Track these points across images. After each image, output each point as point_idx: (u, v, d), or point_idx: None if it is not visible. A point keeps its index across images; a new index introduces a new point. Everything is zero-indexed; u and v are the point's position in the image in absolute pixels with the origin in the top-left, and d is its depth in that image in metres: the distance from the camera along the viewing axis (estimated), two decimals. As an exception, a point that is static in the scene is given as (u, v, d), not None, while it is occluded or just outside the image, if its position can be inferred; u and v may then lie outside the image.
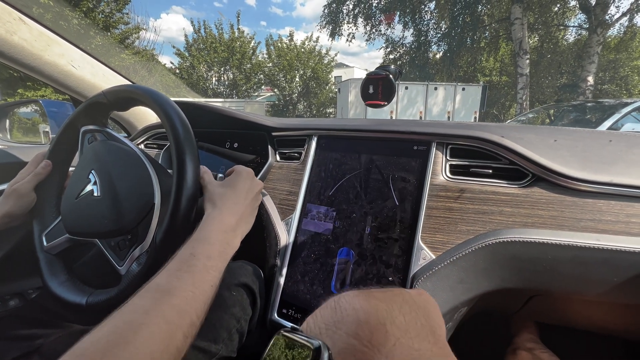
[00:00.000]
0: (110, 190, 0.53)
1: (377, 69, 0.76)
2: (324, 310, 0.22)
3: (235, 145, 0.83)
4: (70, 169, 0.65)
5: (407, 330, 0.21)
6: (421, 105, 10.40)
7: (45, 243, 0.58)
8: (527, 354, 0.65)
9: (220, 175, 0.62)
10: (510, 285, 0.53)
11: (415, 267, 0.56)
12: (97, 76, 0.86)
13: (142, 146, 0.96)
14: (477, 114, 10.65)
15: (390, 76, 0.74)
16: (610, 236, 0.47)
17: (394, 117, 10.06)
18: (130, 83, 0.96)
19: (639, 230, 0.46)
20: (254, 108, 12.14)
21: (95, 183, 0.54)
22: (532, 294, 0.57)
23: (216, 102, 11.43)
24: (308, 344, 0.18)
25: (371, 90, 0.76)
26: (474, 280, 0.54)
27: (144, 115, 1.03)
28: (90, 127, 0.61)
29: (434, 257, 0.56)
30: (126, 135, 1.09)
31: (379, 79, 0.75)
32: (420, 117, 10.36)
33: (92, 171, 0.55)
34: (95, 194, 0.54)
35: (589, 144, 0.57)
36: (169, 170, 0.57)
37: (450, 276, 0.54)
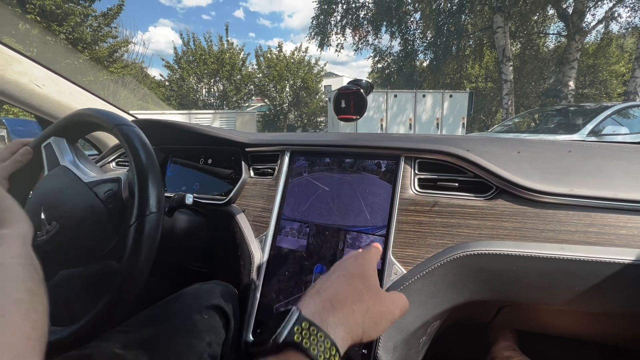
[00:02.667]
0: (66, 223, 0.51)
1: (348, 83, 0.77)
2: (305, 302, 0.32)
3: (210, 161, 0.82)
4: None
5: (345, 300, 0.32)
6: (410, 112, 10.55)
7: None
8: (504, 363, 0.64)
9: (189, 195, 0.61)
10: (479, 297, 0.54)
11: (387, 283, 0.56)
12: (63, 94, 0.84)
13: (113, 164, 0.95)
14: (465, 119, 10.85)
15: (362, 90, 0.75)
16: (571, 246, 0.48)
17: (384, 125, 10.18)
18: (100, 100, 0.94)
19: (596, 239, 0.47)
20: (245, 119, 12.14)
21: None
22: (502, 304, 0.58)
23: (206, 114, 11.43)
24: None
25: (343, 105, 0.77)
26: (444, 293, 0.54)
27: None
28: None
29: (405, 271, 0.56)
30: (97, 153, 1.07)
31: (350, 93, 0.76)
32: (410, 125, 10.50)
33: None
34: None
35: (549, 155, 0.59)
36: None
37: (422, 290, 0.54)
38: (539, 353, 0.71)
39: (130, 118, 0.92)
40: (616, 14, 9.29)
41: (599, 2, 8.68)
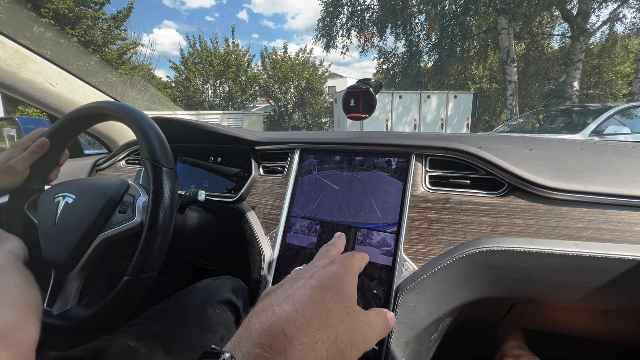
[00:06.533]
0: (83, 192, 0.53)
1: (357, 82, 0.77)
2: (239, 329, 0.24)
3: (219, 159, 0.83)
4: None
5: (307, 327, 0.23)
6: (415, 113, 10.54)
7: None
8: (514, 362, 0.64)
9: (202, 192, 0.62)
10: (491, 294, 0.54)
11: (398, 279, 0.56)
12: (76, 93, 0.86)
13: (123, 162, 0.96)
14: (470, 120, 10.80)
15: (371, 89, 0.76)
16: (584, 242, 0.48)
17: (389, 126, 10.18)
18: (110, 99, 0.96)
19: (610, 236, 0.47)
20: (252, 119, 12.19)
21: (63, 197, 0.54)
22: (513, 302, 0.58)
23: (214, 114, 11.50)
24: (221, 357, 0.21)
25: (352, 103, 0.77)
26: (455, 290, 0.54)
27: (125, 131, 1.03)
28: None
29: (416, 268, 0.56)
30: (107, 151, 1.09)
31: (359, 92, 0.76)
32: (415, 125, 10.49)
33: (56, 193, 0.55)
34: (70, 201, 0.53)
35: (561, 152, 0.58)
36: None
37: (433, 287, 0.54)
38: (547, 353, 0.70)
39: None
40: (621, 15, 9.22)
41: (604, 3, 8.61)
